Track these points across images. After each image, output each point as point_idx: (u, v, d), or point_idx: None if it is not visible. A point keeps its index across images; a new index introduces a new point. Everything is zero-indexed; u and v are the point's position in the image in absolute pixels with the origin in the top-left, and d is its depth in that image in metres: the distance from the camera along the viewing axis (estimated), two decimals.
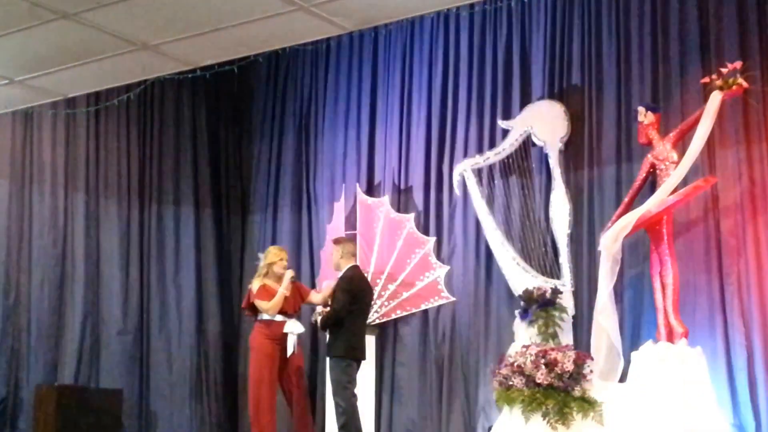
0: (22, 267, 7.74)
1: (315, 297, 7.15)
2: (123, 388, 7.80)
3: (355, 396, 6.72)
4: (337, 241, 7.07)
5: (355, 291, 6.76)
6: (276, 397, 6.91)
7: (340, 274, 6.90)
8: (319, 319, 6.85)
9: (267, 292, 6.88)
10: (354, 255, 7.09)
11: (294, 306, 6.98)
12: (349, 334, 6.69)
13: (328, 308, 6.85)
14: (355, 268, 6.97)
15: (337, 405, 6.65)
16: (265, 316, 6.91)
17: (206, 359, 8.53)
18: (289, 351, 6.83)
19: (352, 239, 7.44)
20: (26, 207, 7.86)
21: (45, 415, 7.06)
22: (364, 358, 6.85)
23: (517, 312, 6.92)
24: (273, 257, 6.99)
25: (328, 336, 6.97)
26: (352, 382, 6.70)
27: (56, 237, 7.95)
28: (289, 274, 6.94)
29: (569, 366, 6.15)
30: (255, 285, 6.94)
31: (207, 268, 8.70)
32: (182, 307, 8.53)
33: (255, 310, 6.96)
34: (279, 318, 6.89)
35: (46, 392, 7.18)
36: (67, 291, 7.94)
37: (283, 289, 6.85)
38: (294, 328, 6.88)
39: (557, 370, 6.15)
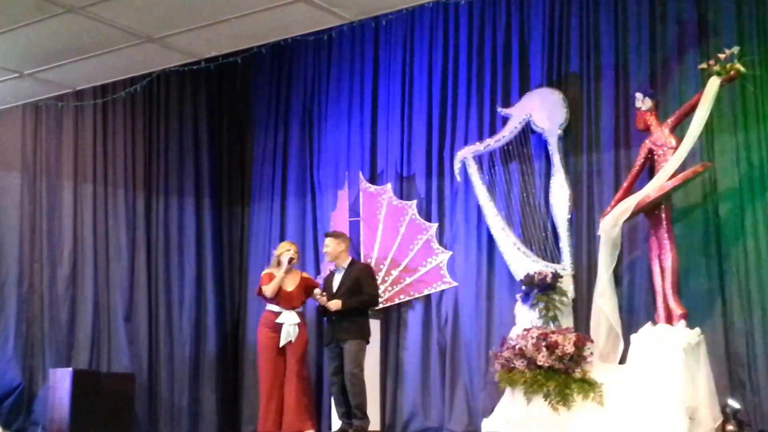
0: (34, 256, 7.81)
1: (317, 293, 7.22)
2: (134, 373, 7.92)
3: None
4: (338, 235, 7.27)
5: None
6: (277, 384, 7.23)
7: (345, 264, 7.12)
8: (327, 302, 6.97)
9: (269, 278, 7.30)
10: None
11: (291, 299, 7.23)
12: (368, 318, 7.06)
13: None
14: (356, 260, 7.32)
15: (354, 384, 6.88)
16: (268, 306, 7.28)
17: (207, 345, 8.61)
18: (283, 341, 7.14)
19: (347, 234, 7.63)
20: (37, 198, 7.90)
21: (59, 399, 7.15)
22: None
23: (518, 296, 6.99)
24: (280, 249, 7.47)
25: (328, 319, 7.11)
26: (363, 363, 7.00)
27: (66, 227, 8.00)
28: (286, 257, 7.26)
29: (570, 348, 6.24)
30: (263, 272, 7.38)
31: (207, 256, 8.77)
32: (184, 295, 8.61)
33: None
34: (276, 308, 7.20)
35: (60, 377, 7.25)
36: (78, 278, 8.00)
37: (281, 273, 7.22)
38: (287, 318, 7.17)
39: (558, 352, 6.25)
